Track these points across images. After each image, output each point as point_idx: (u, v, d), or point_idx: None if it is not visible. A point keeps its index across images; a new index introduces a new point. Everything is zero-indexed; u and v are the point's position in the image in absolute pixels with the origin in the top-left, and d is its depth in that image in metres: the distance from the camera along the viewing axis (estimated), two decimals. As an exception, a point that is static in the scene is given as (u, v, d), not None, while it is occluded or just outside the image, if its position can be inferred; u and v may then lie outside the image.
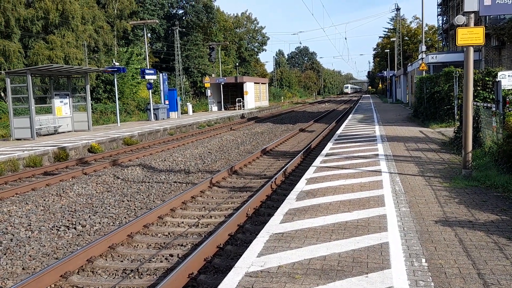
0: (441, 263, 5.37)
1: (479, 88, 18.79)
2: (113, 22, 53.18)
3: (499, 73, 16.16)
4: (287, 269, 5.33)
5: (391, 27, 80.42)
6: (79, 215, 9.78)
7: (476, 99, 17.35)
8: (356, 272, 5.16)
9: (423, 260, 5.44)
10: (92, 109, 32.64)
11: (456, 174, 10.29)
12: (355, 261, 5.50)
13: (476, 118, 13.47)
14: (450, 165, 11.68)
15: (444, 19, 48.86)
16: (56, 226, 9.00)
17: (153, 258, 7.34)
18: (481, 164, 10.78)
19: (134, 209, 10.40)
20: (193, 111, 47.20)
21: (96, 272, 6.85)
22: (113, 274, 6.79)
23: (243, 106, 55.25)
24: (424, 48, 33.31)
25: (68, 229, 8.88)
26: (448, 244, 5.99)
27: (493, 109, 12.36)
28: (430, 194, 8.65)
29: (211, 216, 9.64)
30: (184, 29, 68.39)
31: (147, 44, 45.44)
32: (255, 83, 62.29)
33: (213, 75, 66.94)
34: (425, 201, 8.15)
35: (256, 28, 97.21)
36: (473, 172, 9.96)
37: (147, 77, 35.70)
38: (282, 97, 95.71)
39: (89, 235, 8.66)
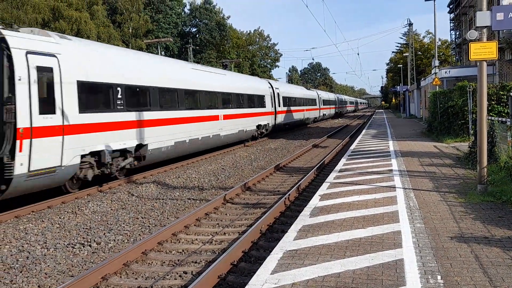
0: (457, 280, 5.31)
1: (493, 103, 18.67)
2: (128, 41, 53.97)
3: (514, 87, 16.05)
4: (301, 287, 5.31)
5: (404, 42, 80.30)
6: (94, 232, 9.85)
7: (491, 114, 17.24)
8: (371, 289, 5.13)
9: (439, 277, 5.39)
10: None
11: (471, 190, 10.19)
12: (369, 278, 5.46)
13: (491, 132, 13.36)
14: (465, 180, 11.57)
15: (457, 33, 48.77)
16: (72, 244, 9.07)
17: (167, 275, 7.35)
18: (497, 179, 10.66)
19: (149, 226, 10.45)
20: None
21: (111, 290, 6.88)
22: (127, 291, 6.81)
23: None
24: (437, 63, 33.24)
25: (83, 246, 8.95)
26: (464, 260, 5.92)
27: (508, 123, 12.25)
28: (445, 210, 8.57)
29: (224, 233, 9.64)
30: (197, 47, 69.19)
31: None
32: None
33: (226, 92, 67.20)
34: (440, 217, 8.07)
35: (269, 44, 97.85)
36: (488, 187, 9.86)
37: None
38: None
39: (104, 252, 8.72)
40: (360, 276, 5.55)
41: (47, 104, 11.97)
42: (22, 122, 11.14)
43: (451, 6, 48.86)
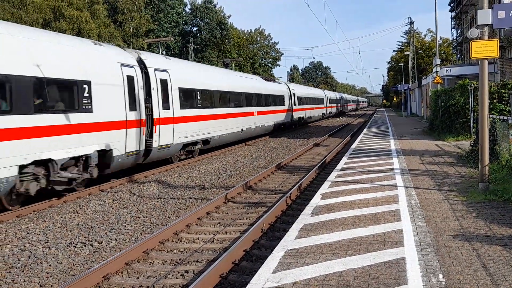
0: (459, 278, 5.30)
1: (495, 101, 18.64)
2: (129, 40, 54.01)
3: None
4: (302, 285, 5.31)
5: (405, 41, 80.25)
6: (96, 231, 9.86)
7: (492, 112, 17.21)
8: (372, 288, 5.12)
9: (441, 276, 5.38)
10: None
11: (473, 188, 10.18)
12: (371, 277, 5.46)
13: (493, 131, 13.34)
14: (467, 178, 11.56)
15: (458, 32, 48.72)
16: (73, 243, 9.08)
17: (169, 274, 7.36)
18: (499, 178, 10.65)
19: (150, 225, 10.45)
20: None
21: (113, 289, 6.89)
22: (129, 290, 6.81)
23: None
24: (438, 61, 33.22)
25: (85, 245, 8.95)
26: (466, 259, 5.92)
27: (510, 121, 12.24)
28: (446, 208, 8.57)
29: (226, 232, 9.64)
30: (198, 46, 69.23)
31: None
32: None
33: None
34: (441, 216, 8.07)
35: (270, 43, 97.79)
36: (490, 186, 9.85)
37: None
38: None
39: (105, 251, 8.72)
40: (362, 275, 5.54)
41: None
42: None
43: (452, 5, 48.83)
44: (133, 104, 15.47)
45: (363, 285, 5.23)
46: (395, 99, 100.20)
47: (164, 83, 17.47)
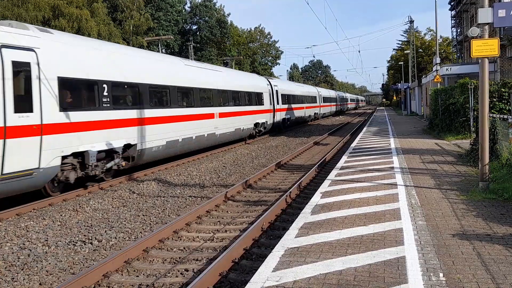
0: (459, 277, 5.30)
1: (495, 100, 18.61)
2: (129, 39, 53.96)
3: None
4: (303, 284, 5.30)
5: (405, 40, 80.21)
6: (95, 230, 9.85)
7: (492, 111, 17.18)
8: (373, 287, 5.11)
9: (441, 275, 5.37)
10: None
11: (473, 187, 10.17)
12: (371, 275, 5.45)
13: (493, 130, 13.32)
14: (467, 177, 11.56)
15: (458, 31, 48.67)
16: (73, 241, 9.07)
17: (169, 273, 7.35)
18: (499, 177, 10.64)
19: (150, 223, 10.44)
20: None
21: (112, 287, 6.88)
22: (129, 289, 6.80)
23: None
24: (438, 60, 33.17)
25: (85, 244, 8.94)
26: (466, 258, 5.91)
27: (510, 120, 12.22)
28: (447, 207, 8.56)
29: (226, 231, 9.63)
30: (198, 44, 69.13)
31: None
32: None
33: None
34: (442, 214, 8.06)
35: (270, 42, 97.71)
36: (490, 185, 9.84)
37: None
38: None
39: (105, 250, 8.71)
40: (362, 273, 5.53)
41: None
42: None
43: (452, 3, 48.74)
44: None
45: (364, 284, 5.23)
46: (395, 97, 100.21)
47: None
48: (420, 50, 68.37)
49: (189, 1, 76.30)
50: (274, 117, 34.00)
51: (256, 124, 29.77)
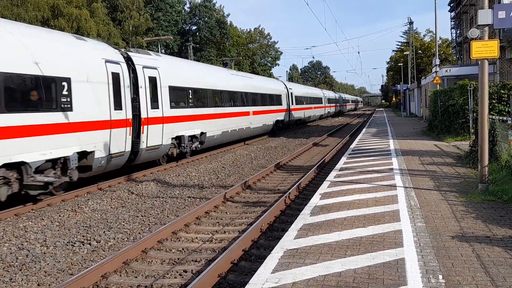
0: (458, 279, 5.28)
1: (494, 101, 18.63)
2: (128, 39, 53.92)
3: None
4: (302, 286, 5.28)
5: (405, 41, 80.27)
6: (94, 230, 9.83)
7: (492, 112, 17.19)
8: (372, 289, 5.10)
9: (440, 277, 5.36)
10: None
11: (472, 189, 10.17)
12: (371, 277, 5.44)
13: (492, 131, 13.32)
14: (466, 179, 11.55)
15: (458, 32, 48.69)
16: (71, 242, 9.04)
17: (167, 274, 7.33)
18: (498, 178, 10.63)
19: (149, 224, 10.43)
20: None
21: (111, 288, 6.86)
22: (127, 290, 6.78)
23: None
24: (438, 61, 33.18)
25: (83, 244, 8.92)
26: (466, 260, 5.90)
27: (509, 122, 12.23)
28: (446, 209, 8.55)
29: (225, 232, 9.62)
30: (197, 45, 69.13)
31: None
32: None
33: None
34: (441, 216, 8.05)
35: (269, 43, 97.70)
36: (489, 187, 9.83)
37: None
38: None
39: (103, 250, 8.69)
40: (361, 275, 5.52)
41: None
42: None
43: (451, 5, 48.79)
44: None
45: (363, 285, 5.21)
46: (394, 99, 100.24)
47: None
48: (420, 51, 68.43)
49: (189, 1, 76.34)
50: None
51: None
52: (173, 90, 18.27)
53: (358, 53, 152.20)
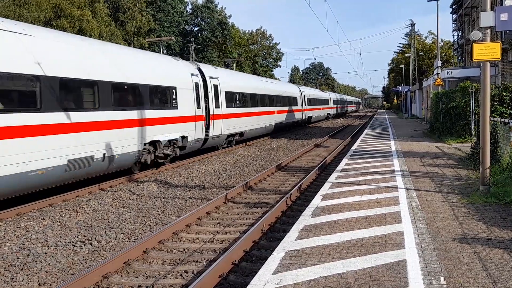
0: (460, 281, 5.27)
1: (496, 103, 18.58)
2: (130, 40, 53.97)
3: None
4: (303, 287, 5.28)
5: (406, 43, 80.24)
6: (95, 230, 9.83)
7: (493, 114, 17.15)
8: (373, 290, 5.09)
9: (442, 279, 5.35)
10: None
11: (474, 190, 10.15)
12: (372, 279, 5.43)
13: (494, 133, 13.31)
14: (468, 181, 11.53)
15: (459, 34, 48.66)
16: (72, 242, 9.05)
17: (168, 274, 7.33)
18: (500, 180, 10.62)
19: (150, 224, 10.43)
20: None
21: (112, 288, 6.86)
22: (128, 290, 6.78)
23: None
24: (439, 63, 33.16)
25: (84, 244, 8.92)
26: (467, 262, 5.89)
27: (511, 124, 12.20)
28: (447, 211, 8.54)
29: (226, 232, 9.61)
30: (199, 46, 69.16)
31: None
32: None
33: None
34: (442, 218, 8.04)
35: (271, 44, 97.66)
36: (491, 188, 9.82)
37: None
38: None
39: (104, 251, 8.69)
40: (363, 277, 5.51)
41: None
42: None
43: (453, 7, 48.73)
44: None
45: (364, 287, 5.20)
46: (395, 100, 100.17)
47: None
48: (421, 53, 68.36)
49: (191, 2, 76.38)
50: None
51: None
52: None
53: (360, 54, 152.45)
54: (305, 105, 45.86)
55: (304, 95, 46.23)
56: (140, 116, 15.70)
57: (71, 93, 12.69)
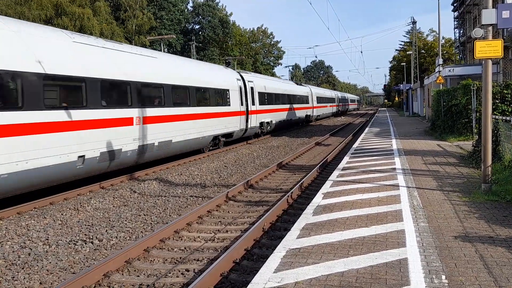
0: (461, 280, 5.26)
1: (497, 101, 18.55)
2: (131, 38, 53.92)
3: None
4: (304, 286, 5.27)
5: (407, 40, 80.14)
6: (96, 229, 9.83)
7: (495, 112, 17.12)
8: (375, 289, 5.08)
9: (443, 277, 5.34)
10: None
11: (475, 189, 10.13)
12: (373, 277, 5.42)
13: (495, 131, 13.28)
14: (469, 179, 11.51)
15: (461, 32, 48.58)
16: (73, 240, 9.05)
17: (169, 273, 7.32)
18: (501, 178, 10.59)
19: (151, 223, 10.43)
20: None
21: (113, 287, 6.85)
22: (129, 289, 6.78)
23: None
24: (441, 61, 33.06)
25: (85, 243, 8.92)
26: (469, 260, 5.88)
27: (513, 122, 12.18)
28: (449, 209, 8.52)
29: (227, 231, 9.61)
30: (200, 44, 69.09)
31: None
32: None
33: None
34: (444, 216, 8.02)
35: (272, 42, 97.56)
36: (493, 187, 9.80)
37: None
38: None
39: (105, 249, 8.69)
40: (364, 275, 5.50)
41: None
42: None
43: (455, 5, 48.66)
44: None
45: (365, 285, 5.19)
46: (396, 98, 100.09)
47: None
48: (423, 51, 68.24)
49: (192, 0, 76.31)
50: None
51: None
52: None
53: (361, 52, 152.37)
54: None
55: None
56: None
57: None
